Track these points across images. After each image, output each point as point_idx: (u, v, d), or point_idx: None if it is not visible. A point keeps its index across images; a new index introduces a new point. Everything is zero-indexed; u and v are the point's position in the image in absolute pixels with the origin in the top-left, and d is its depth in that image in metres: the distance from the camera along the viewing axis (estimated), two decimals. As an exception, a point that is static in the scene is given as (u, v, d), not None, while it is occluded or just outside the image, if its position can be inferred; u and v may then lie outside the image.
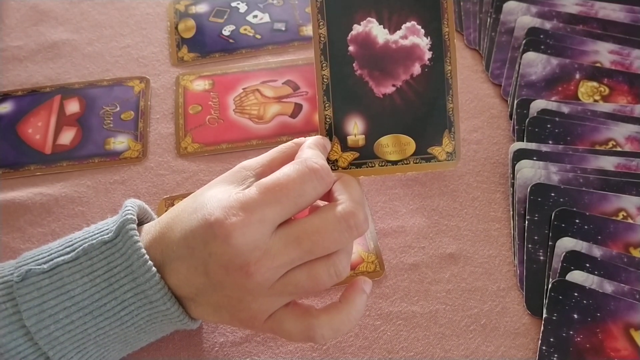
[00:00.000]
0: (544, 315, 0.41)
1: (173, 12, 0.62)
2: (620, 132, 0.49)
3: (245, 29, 0.60)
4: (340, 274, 0.33)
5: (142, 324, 0.34)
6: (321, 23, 0.37)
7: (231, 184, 0.34)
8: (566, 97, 0.53)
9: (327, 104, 0.37)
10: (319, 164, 0.33)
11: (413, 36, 0.37)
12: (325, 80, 0.37)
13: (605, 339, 0.39)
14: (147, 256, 0.33)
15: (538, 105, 0.52)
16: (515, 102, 0.52)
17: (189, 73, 0.56)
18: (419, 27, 0.37)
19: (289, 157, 0.35)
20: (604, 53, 0.55)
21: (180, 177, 0.49)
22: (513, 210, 0.46)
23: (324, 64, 0.36)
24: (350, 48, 0.37)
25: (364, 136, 0.37)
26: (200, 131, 0.52)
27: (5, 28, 0.60)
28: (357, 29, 0.37)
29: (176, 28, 0.60)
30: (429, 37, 0.37)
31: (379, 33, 0.37)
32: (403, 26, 0.37)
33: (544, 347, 0.40)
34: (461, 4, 0.61)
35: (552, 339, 0.40)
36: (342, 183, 0.35)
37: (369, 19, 0.37)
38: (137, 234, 0.34)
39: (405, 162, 0.37)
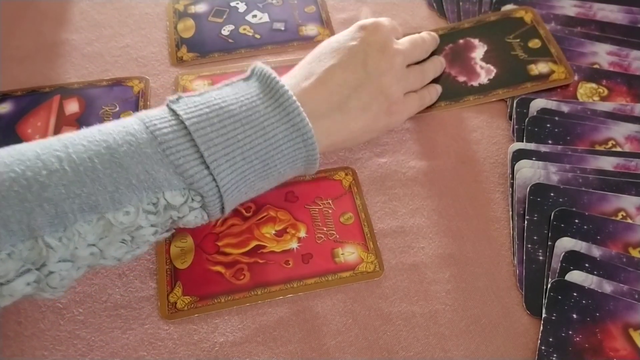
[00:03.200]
0: (543, 315, 0.41)
1: (172, 12, 0.62)
2: (620, 131, 0.50)
3: (244, 29, 0.60)
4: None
5: (280, 140, 0.38)
6: None
7: None
8: (565, 98, 0.53)
9: None
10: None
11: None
12: None
13: (604, 339, 0.39)
14: (281, 82, 0.39)
15: (537, 104, 0.52)
16: (515, 101, 0.52)
17: (188, 73, 0.56)
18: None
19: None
20: (602, 54, 0.55)
21: (180, 177, 0.49)
22: (512, 210, 0.46)
23: None
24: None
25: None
26: (199, 131, 0.52)
27: (5, 28, 0.60)
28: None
29: (175, 28, 0.60)
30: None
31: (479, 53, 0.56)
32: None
33: (543, 347, 0.40)
34: (460, 4, 0.61)
35: (551, 339, 0.40)
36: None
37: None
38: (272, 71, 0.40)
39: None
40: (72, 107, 0.53)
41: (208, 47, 0.58)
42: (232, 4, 0.62)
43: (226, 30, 0.60)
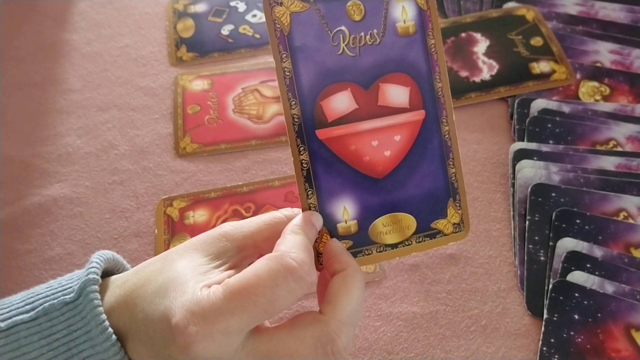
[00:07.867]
0: (545, 316, 0.41)
1: (172, 12, 0.61)
2: (621, 131, 0.49)
3: (244, 29, 0.60)
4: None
5: None
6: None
7: (207, 255, 0.31)
8: (567, 97, 0.53)
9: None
10: (297, 261, 0.28)
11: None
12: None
13: (606, 340, 0.39)
14: (106, 323, 0.30)
15: (539, 104, 0.51)
16: (516, 101, 0.52)
17: (188, 73, 0.56)
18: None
19: (279, 233, 0.31)
20: (604, 53, 0.55)
21: (179, 177, 0.49)
22: (513, 211, 0.46)
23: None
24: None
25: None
26: (199, 131, 0.52)
27: (5, 28, 0.60)
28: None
29: (175, 27, 0.60)
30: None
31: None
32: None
33: (544, 348, 0.39)
34: (461, 3, 0.60)
35: (552, 340, 0.40)
36: (341, 285, 0.30)
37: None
38: (98, 297, 0.31)
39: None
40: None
41: (208, 47, 0.58)
42: (232, 3, 0.62)
43: (226, 30, 0.60)
